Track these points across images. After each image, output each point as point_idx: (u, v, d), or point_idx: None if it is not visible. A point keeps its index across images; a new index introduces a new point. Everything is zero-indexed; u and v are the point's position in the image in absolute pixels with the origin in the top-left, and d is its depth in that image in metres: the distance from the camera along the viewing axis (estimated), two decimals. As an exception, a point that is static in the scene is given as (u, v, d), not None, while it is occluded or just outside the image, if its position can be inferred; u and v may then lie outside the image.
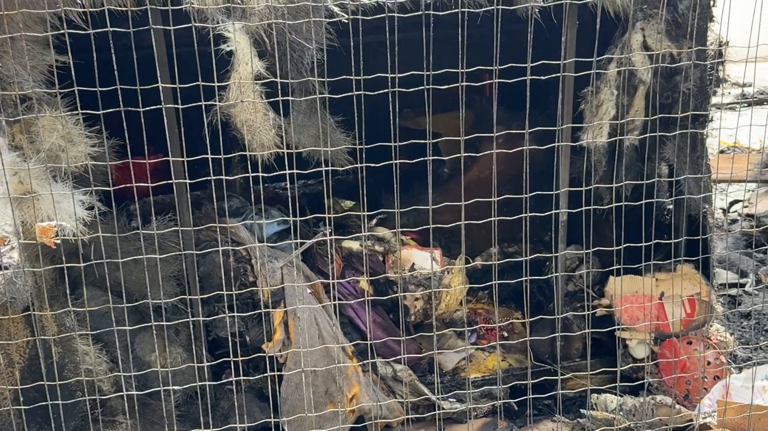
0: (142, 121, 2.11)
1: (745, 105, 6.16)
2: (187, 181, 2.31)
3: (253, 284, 2.91)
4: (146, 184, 2.23)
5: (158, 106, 2.26)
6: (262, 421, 2.96)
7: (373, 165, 2.33)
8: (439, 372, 3.44)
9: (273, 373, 2.68)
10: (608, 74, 3.03)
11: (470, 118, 3.93)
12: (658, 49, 2.95)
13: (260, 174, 2.29)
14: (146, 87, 2.16)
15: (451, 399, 3.29)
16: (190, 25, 2.23)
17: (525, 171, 2.39)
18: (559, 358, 3.10)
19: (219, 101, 2.53)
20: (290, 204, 2.31)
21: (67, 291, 2.55)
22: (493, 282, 2.49)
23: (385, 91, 2.22)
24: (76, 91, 2.13)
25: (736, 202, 5.44)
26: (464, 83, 2.23)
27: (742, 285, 4.28)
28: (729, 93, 6.16)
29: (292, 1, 2.46)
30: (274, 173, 2.39)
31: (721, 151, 6.30)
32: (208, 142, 2.25)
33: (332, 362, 2.89)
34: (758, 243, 4.38)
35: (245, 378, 2.68)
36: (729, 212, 5.39)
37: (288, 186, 5.08)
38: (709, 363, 3.17)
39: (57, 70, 2.37)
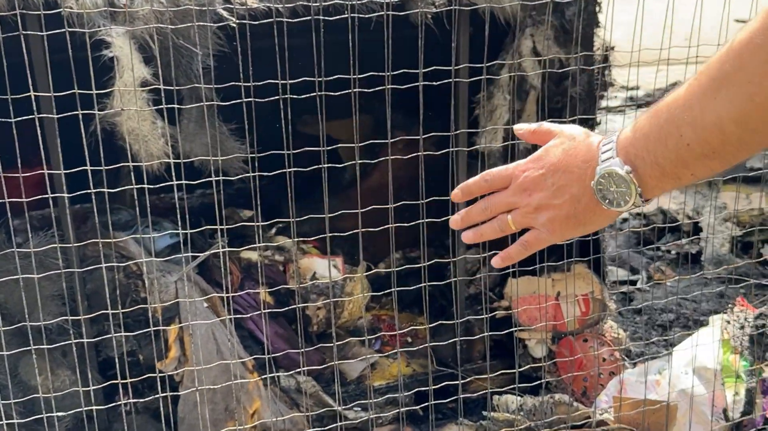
0: (14, 132, 1.98)
1: (634, 107, 6.41)
2: (66, 194, 2.19)
3: (144, 300, 2.79)
4: (22, 199, 2.09)
5: (32, 116, 2.13)
6: (160, 442, 2.84)
7: (266, 174, 2.27)
8: (344, 382, 3.40)
9: (169, 393, 2.57)
10: (501, 79, 3.07)
11: (370, 124, 3.91)
12: (546, 54, 3.02)
13: (145, 185, 2.19)
14: (18, 96, 2.03)
15: (356, 409, 3.25)
16: (66, 30, 2.11)
17: (420, 176, 2.38)
18: (459, 361, 3.12)
19: (103, 109, 2.41)
20: (181, 215, 2.22)
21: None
22: (393, 289, 2.47)
23: (276, 98, 2.17)
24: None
25: (626, 201, 5.65)
26: (357, 89, 2.20)
27: (634, 283, 4.43)
28: (616, 97, 6.40)
29: (177, 5, 2.37)
30: (163, 184, 2.29)
31: (612, 153, 6.52)
32: (87, 153, 2.13)
33: (232, 378, 2.80)
34: (648, 241, 4.56)
35: (139, 400, 2.56)
36: (620, 211, 5.58)
37: (181, 196, 4.93)
38: (604, 359, 3.26)
39: None
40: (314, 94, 2.17)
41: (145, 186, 2.19)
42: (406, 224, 2.44)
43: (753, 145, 0.90)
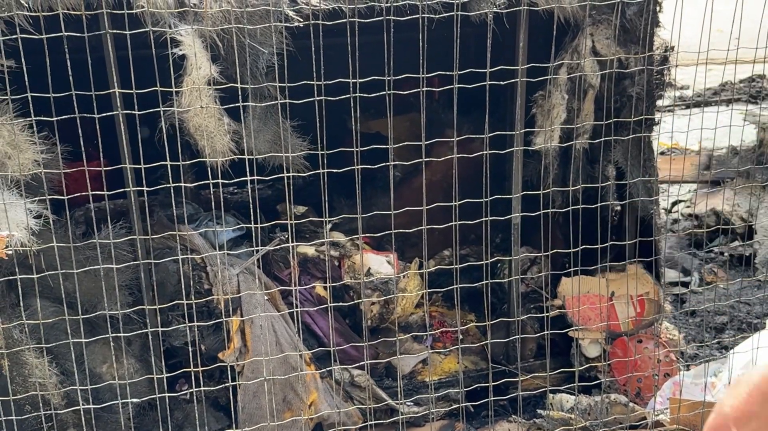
0: (98, 126, 2.05)
1: (683, 107, 6.34)
2: (145, 188, 2.25)
3: (208, 292, 2.86)
4: (101, 192, 2.16)
5: (113, 113, 2.20)
6: (218, 431, 2.92)
7: (335, 171, 2.31)
8: (396, 376, 3.43)
9: (231, 383, 2.63)
10: (559, 79, 3.08)
11: (419, 122, 3.93)
12: (607, 54, 3.01)
13: (219, 180, 2.25)
14: (101, 92, 2.09)
15: (408, 403, 3.28)
16: (144, 30, 2.18)
17: (485, 174, 2.40)
18: (518, 359, 3.14)
19: (171, 106, 2.47)
20: (250, 209, 2.27)
21: (20, 302, 2.46)
22: (455, 286, 2.50)
23: (347, 96, 2.21)
24: (29, 97, 2.05)
25: (678, 202, 5.60)
26: (424, 88, 2.23)
27: (686, 284, 4.39)
28: (674, 95, 6.33)
29: (247, 5, 2.43)
30: (236, 180, 2.35)
31: (661, 153, 6.47)
32: (166, 147, 2.20)
33: (290, 369, 2.86)
34: (700, 242, 4.51)
35: (204, 388, 2.62)
36: (671, 212, 5.54)
37: (240, 190, 4.98)
38: (659, 361, 3.24)
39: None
40: (383, 93, 2.20)
41: (219, 181, 2.24)
42: (470, 222, 2.46)
43: None
